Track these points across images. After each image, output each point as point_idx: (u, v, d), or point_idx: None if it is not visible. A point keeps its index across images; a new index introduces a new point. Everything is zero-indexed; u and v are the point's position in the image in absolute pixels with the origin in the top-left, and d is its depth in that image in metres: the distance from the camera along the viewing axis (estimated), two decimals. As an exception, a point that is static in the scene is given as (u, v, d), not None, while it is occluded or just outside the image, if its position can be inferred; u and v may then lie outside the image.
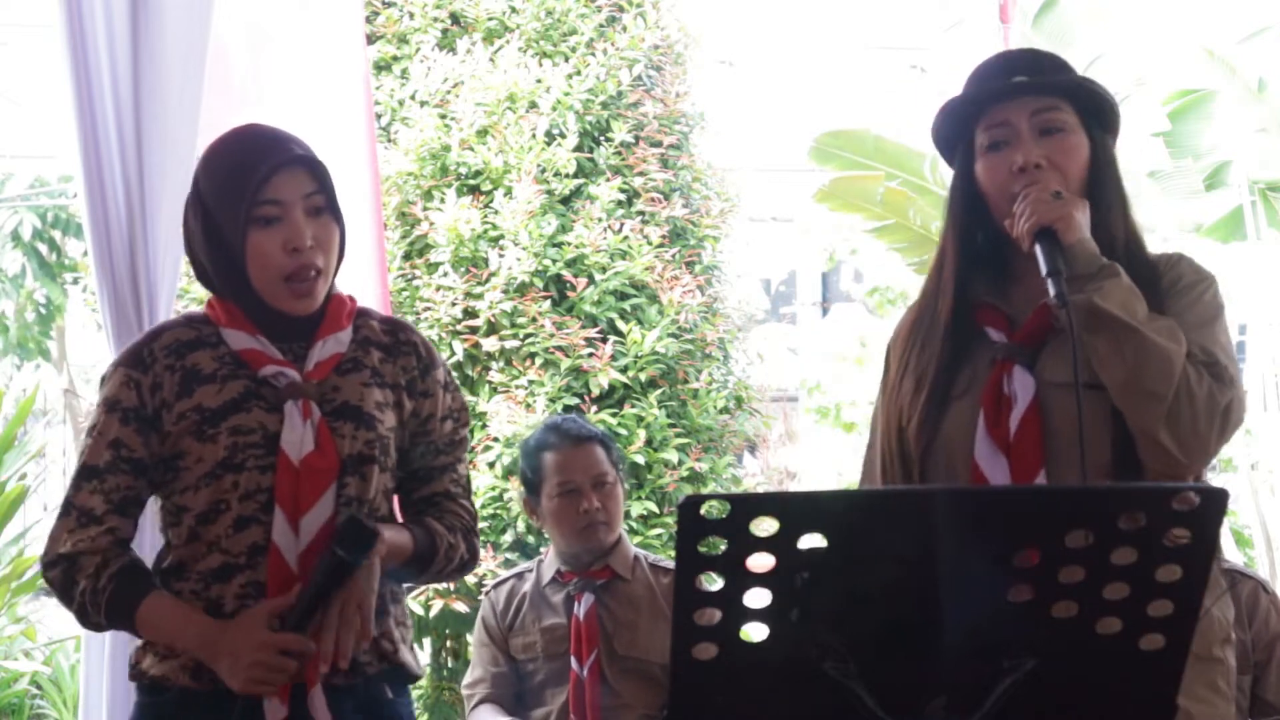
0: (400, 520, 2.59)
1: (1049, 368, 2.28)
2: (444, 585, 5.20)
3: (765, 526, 1.68)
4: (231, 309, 2.50)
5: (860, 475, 2.53)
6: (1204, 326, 2.26)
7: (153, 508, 2.56)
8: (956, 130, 2.41)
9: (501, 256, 5.55)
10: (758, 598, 1.70)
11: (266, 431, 2.44)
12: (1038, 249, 2.22)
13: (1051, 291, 2.17)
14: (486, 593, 3.84)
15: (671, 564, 3.52)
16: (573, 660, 3.60)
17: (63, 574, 2.45)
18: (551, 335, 5.50)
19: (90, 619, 2.46)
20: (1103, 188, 2.34)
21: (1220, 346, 2.25)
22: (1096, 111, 2.36)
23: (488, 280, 5.54)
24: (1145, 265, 2.33)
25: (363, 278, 4.43)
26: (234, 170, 2.45)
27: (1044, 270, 2.19)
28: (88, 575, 2.43)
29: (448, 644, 5.65)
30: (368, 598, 2.39)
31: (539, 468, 3.70)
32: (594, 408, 5.46)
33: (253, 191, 2.41)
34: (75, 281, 9.99)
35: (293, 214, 2.44)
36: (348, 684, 2.47)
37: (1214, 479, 6.70)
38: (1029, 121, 2.32)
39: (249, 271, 2.45)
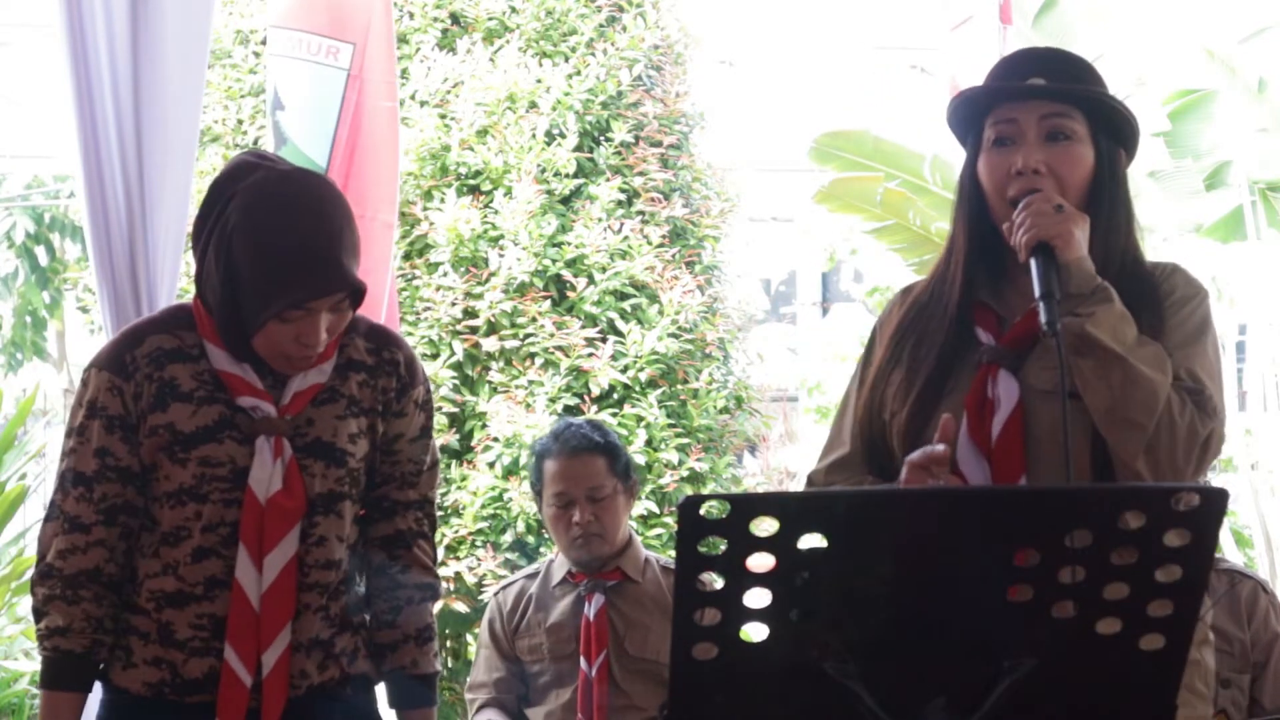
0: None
1: (1034, 374, 2.26)
2: (444, 585, 5.21)
3: (765, 526, 1.68)
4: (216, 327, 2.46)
5: (822, 449, 2.48)
6: (1191, 345, 2.25)
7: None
8: (969, 119, 2.39)
9: (501, 256, 5.55)
10: (758, 598, 1.70)
11: (235, 465, 2.42)
12: (1033, 264, 2.20)
13: (1043, 317, 2.15)
14: (495, 594, 3.83)
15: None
16: (581, 660, 3.60)
17: (43, 599, 2.46)
18: (551, 335, 5.51)
19: (36, 638, 2.50)
20: (1104, 201, 2.31)
21: (1207, 370, 2.23)
22: (1109, 124, 2.34)
23: (488, 280, 5.54)
24: (1143, 279, 2.31)
25: (372, 279, 4.46)
26: (277, 276, 2.34)
27: (1037, 292, 2.17)
28: (51, 622, 2.45)
29: (448, 644, 5.65)
30: None
31: (540, 474, 3.70)
32: (594, 408, 5.46)
33: (290, 304, 2.35)
34: (72, 285, 9.97)
35: (316, 316, 2.38)
36: (306, 698, 2.49)
37: (1214, 479, 6.70)
38: (1037, 125, 2.29)
39: (254, 338, 2.41)
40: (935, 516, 1.74)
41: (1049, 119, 2.30)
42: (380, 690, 2.64)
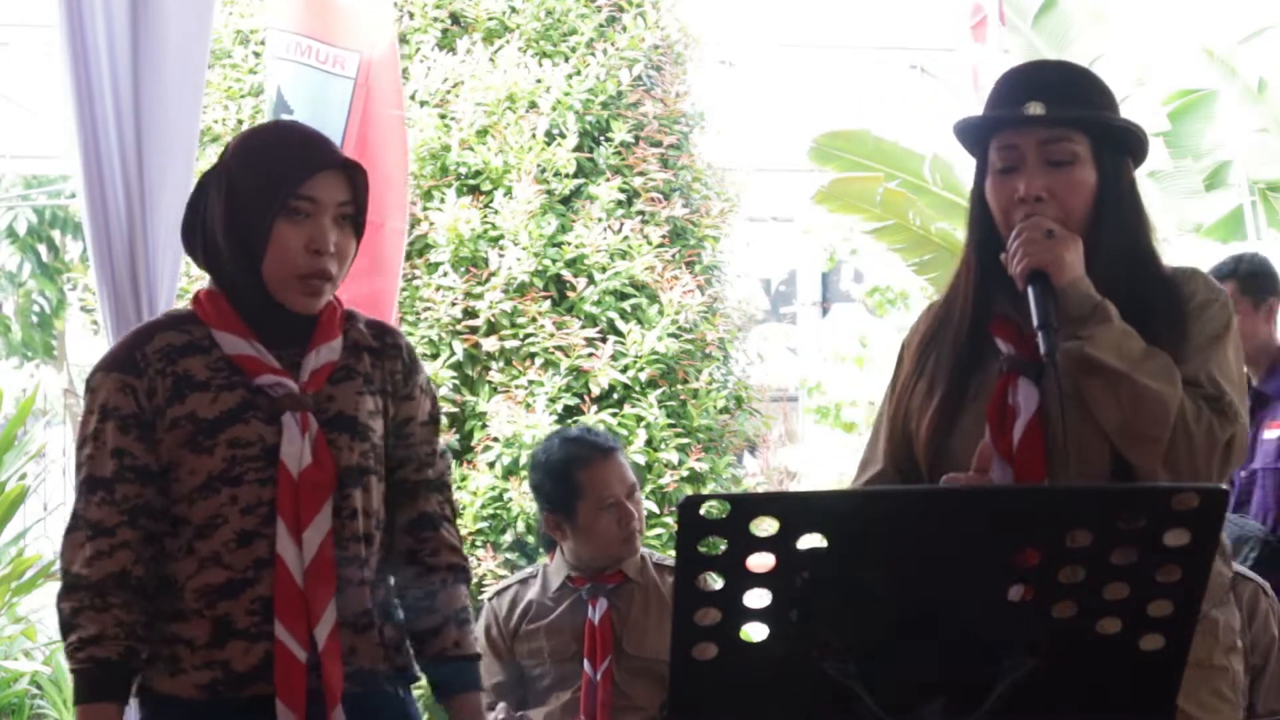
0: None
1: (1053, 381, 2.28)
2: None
3: (765, 526, 1.68)
4: (223, 307, 2.46)
5: (857, 468, 2.53)
6: (1211, 348, 2.27)
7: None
8: (975, 138, 2.42)
9: (501, 256, 5.55)
10: (758, 598, 1.70)
11: (265, 444, 2.42)
12: (1030, 294, 2.23)
13: (1041, 347, 2.18)
14: (489, 599, 3.82)
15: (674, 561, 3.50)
16: (586, 664, 3.59)
17: (71, 611, 2.40)
18: (551, 335, 5.50)
19: (66, 653, 2.44)
20: (1109, 216, 2.33)
21: (1225, 373, 2.25)
22: (1112, 139, 2.35)
23: (488, 280, 5.54)
24: (1159, 285, 2.33)
25: (383, 285, 4.47)
26: (277, 158, 2.44)
27: (1035, 321, 2.21)
28: (83, 633, 2.39)
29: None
30: None
31: (574, 484, 3.60)
32: (594, 408, 5.46)
33: (293, 183, 2.40)
34: (74, 287, 9.97)
35: (322, 216, 2.43)
36: (362, 692, 2.47)
37: (1214, 479, 6.66)
38: (1037, 150, 2.31)
39: (264, 261, 2.43)
40: (935, 516, 1.74)
41: (1049, 144, 2.31)
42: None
